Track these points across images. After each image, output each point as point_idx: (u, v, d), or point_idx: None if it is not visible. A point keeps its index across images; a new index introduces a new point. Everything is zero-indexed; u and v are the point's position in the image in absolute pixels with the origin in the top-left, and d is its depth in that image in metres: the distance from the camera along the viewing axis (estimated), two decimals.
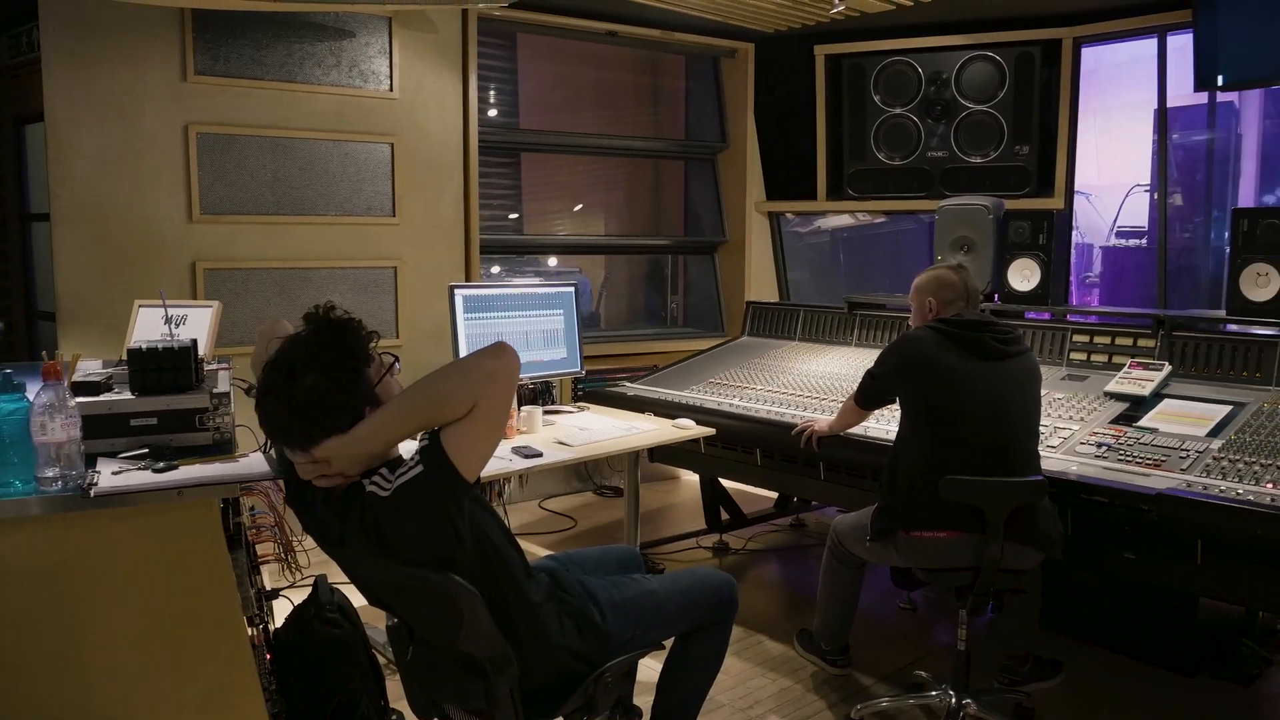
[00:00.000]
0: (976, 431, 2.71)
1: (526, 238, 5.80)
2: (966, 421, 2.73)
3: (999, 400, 2.74)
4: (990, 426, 2.71)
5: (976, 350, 2.79)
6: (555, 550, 4.40)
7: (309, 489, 1.85)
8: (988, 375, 2.77)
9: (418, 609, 1.92)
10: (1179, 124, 7.11)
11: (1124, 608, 3.32)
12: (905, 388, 2.86)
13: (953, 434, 2.73)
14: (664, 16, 5.11)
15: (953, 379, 2.76)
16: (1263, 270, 3.39)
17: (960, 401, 2.74)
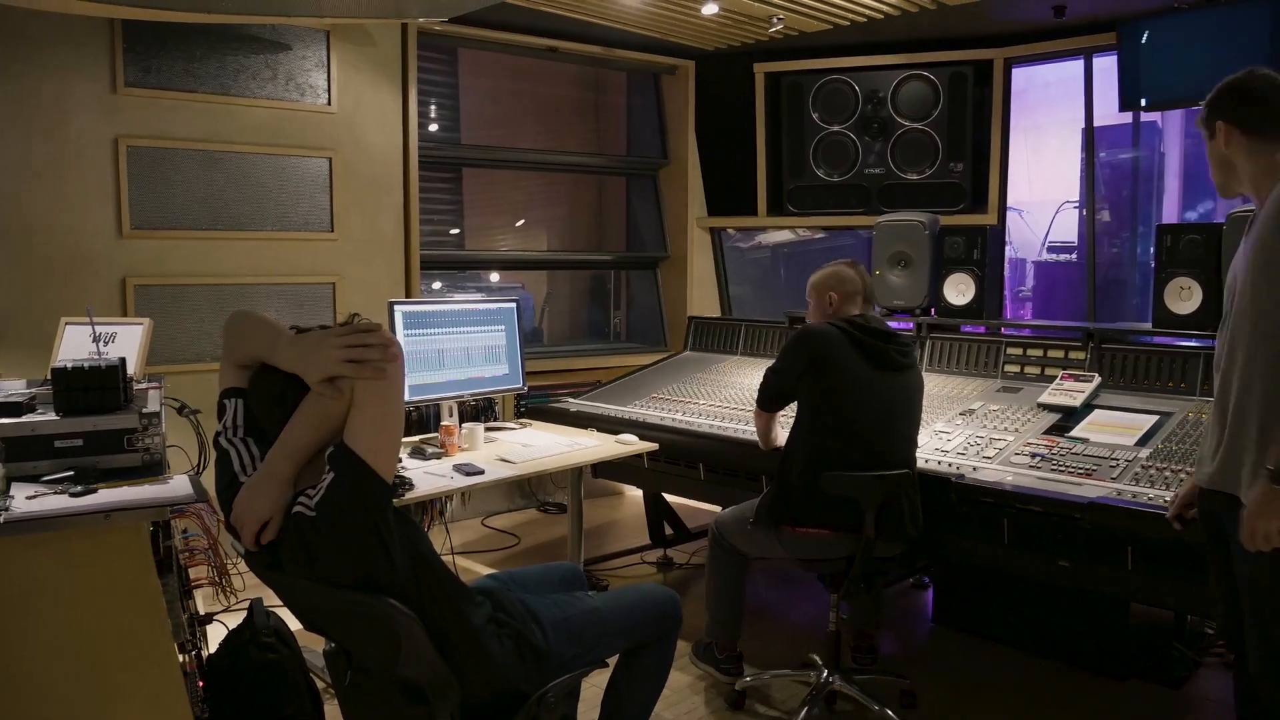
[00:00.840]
0: (863, 436, 2.87)
1: (468, 253, 5.76)
2: (858, 426, 2.88)
3: (888, 410, 2.92)
4: (877, 434, 2.89)
5: (878, 360, 2.92)
6: (498, 568, 4.37)
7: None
8: (883, 385, 2.92)
9: (354, 634, 1.88)
10: (1105, 143, 7.34)
11: (1058, 614, 3.39)
12: (809, 384, 2.94)
13: (842, 436, 2.87)
14: (605, 33, 5.13)
15: (854, 383, 2.90)
16: (1185, 284, 3.50)
17: (856, 408, 2.89)
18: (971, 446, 3.24)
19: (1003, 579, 3.47)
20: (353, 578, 1.71)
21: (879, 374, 2.91)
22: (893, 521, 2.86)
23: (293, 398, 1.73)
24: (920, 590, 4.14)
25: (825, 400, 2.89)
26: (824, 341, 2.92)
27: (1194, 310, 3.48)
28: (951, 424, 3.47)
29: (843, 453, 2.84)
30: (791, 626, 3.81)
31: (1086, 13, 4.61)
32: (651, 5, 4.60)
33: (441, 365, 3.65)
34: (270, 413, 1.77)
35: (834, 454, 2.84)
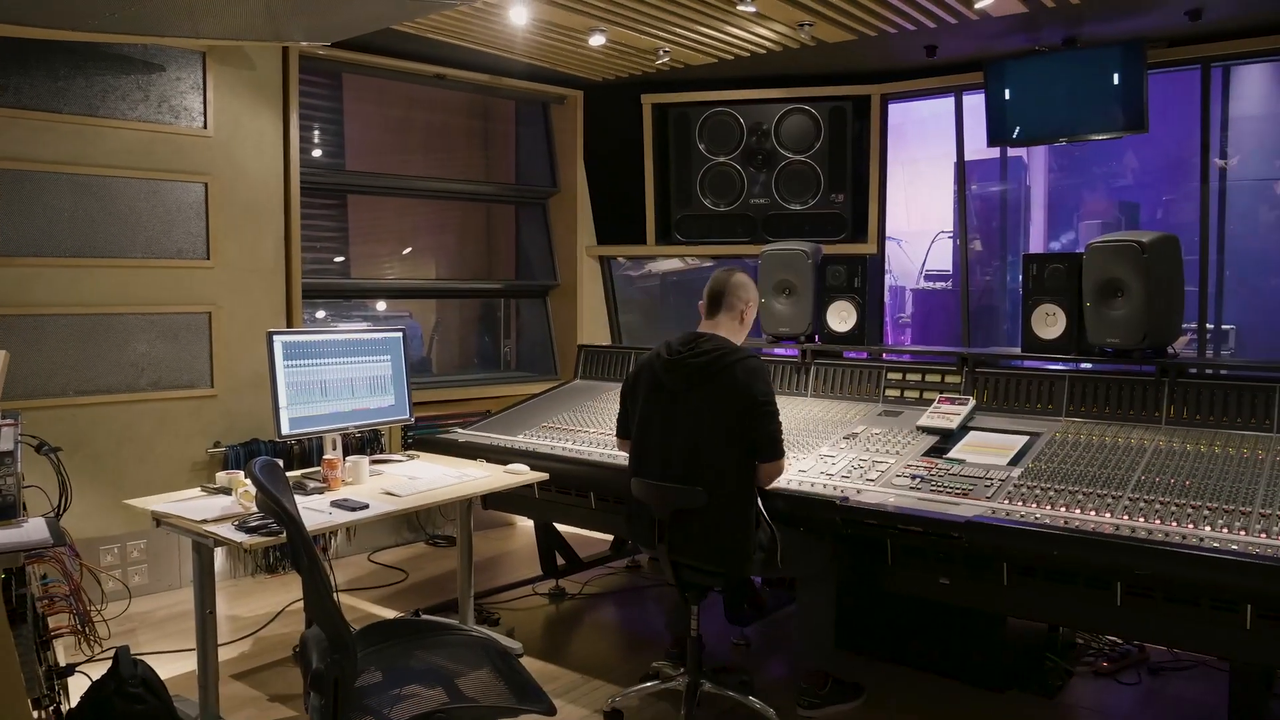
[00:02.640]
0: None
1: (353, 281, 5.64)
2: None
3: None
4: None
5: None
6: (386, 605, 4.26)
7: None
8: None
9: None
10: (976, 176, 7.69)
11: (940, 630, 3.49)
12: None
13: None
14: (493, 62, 5.12)
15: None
16: (1050, 310, 3.67)
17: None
18: (855, 469, 3.32)
19: (889, 598, 3.55)
20: None
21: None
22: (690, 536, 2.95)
23: None
24: None
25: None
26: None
27: (1059, 335, 3.65)
28: (836, 448, 3.55)
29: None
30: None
31: (956, 53, 4.83)
32: (539, 35, 4.61)
33: (324, 396, 3.55)
34: None
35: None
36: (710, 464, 2.92)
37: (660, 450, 3.02)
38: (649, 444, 3.07)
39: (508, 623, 4.02)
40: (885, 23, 4.36)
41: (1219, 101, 4.71)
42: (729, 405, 2.92)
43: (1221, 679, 3.24)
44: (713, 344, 3.01)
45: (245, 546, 2.70)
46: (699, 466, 2.93)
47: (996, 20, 4.29)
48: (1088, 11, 4.17)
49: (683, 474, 2.94)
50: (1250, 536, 2.55)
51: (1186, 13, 4.14)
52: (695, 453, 2.94)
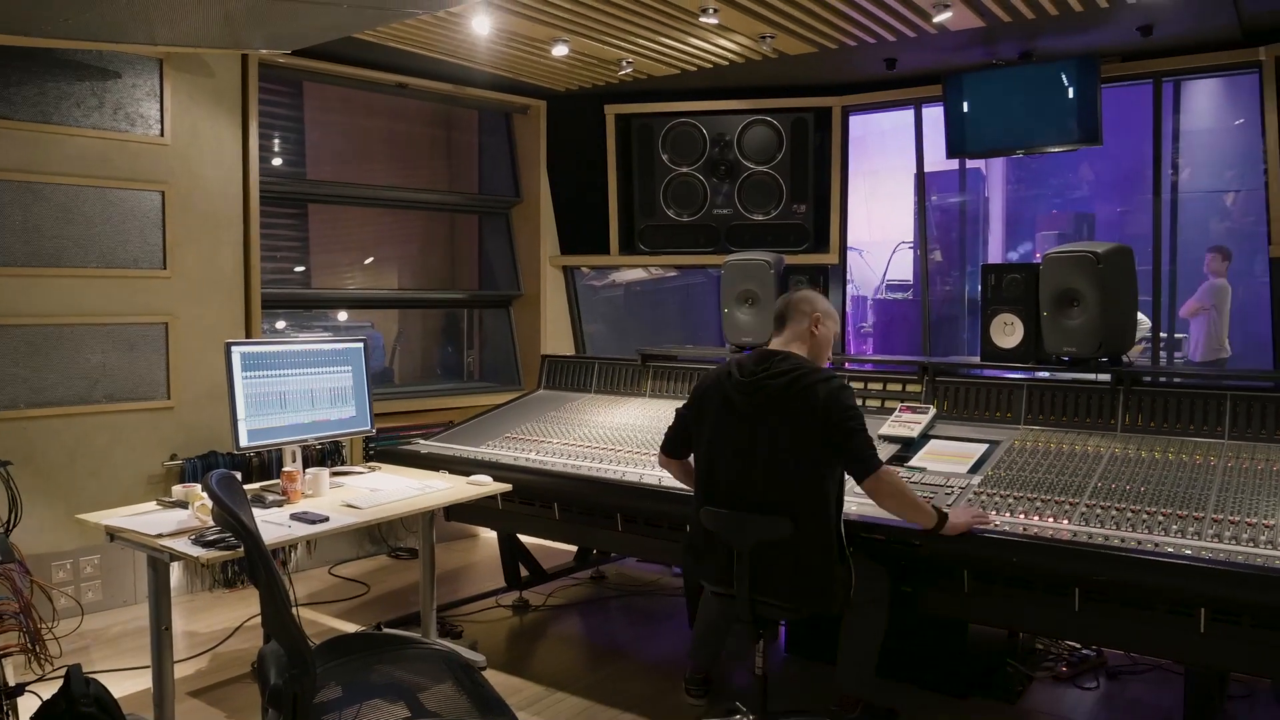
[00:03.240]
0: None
1: (314, 292, 5.58)
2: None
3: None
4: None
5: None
6: (347, 619, 4.21)
7: None
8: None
9: None
10: (936, 187, 7.82)
11: (902, 637, 3.50)
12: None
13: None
14: (456, 71, 5.11)
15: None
16: (1009, 320, 3.72)
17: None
18: None
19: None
20: None
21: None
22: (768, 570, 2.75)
23: None
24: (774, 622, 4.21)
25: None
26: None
27: (1017, 344, 3.70)
28: None
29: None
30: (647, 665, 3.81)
31: (915, 66, 4.90)
32: (502, 45, 4.61)
33: (283, 408, 3.51)
34: None
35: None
36: (793, 491, 2.73)
37: (737, 478, 2.81)
38: (722, 471, 2.85)
39: (471, 635, 3.99)
40: (846, 36, 4.40)
41: (1170, 115, 4.82)
42: (811, 427, 2.72)
43: (1177, 682, 3.30)
44: (789, 363, 2.82)
45: (202, 561, 2.65)
46: (781, 494, 2.73)
47: (954, 34, 4.35)
48: (1043, 26, 4.25)
49: (764, 503, 2.73)
50: (1203, 541, 2.60)
51: (1138, 28, 4.23)
52: (775, 479, 2.75)
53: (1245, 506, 2.74)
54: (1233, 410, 3.23)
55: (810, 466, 2.73)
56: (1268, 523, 2.64)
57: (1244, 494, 2.82)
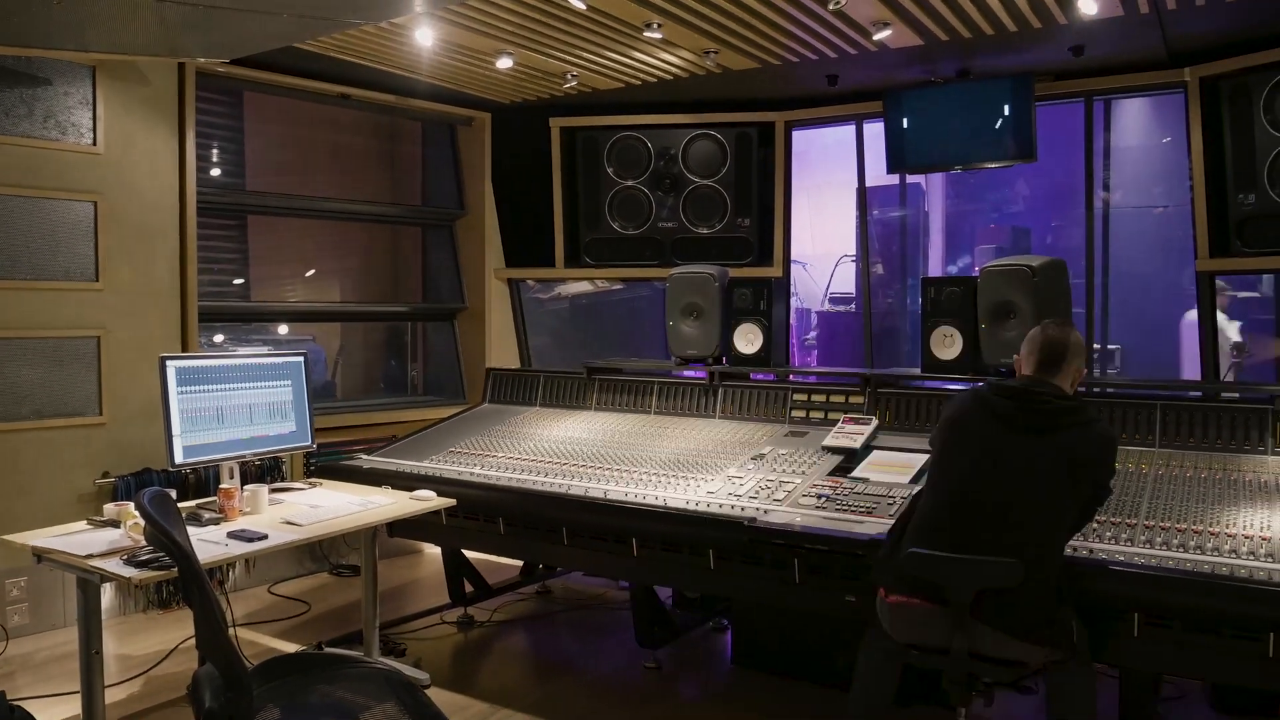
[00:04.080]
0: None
1: (254, 305, 5.48)
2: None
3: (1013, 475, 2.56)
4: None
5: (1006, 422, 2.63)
6: (287, 639, 4.12)
7: None
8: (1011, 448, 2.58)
9: None
10: (877, 202, 7.93)
11: (847, 647, 3.52)
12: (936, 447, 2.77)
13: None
14: (399, 82, 5.06)
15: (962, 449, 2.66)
16: (948, 332, 3.79)
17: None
18: (763, 490, 3.36)
19: (796, 617, 3.59)
20: None
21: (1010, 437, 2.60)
22: (997, 611, 2.46)
23: None
24: (719, 633, 4.22)
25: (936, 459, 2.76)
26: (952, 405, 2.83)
27: (956, 356, 3.77)
28: (744, 469, 3.59)
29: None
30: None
31: (856, 82, 4.98)
32: (446, 57, 4.58)
33: (220, 424, 3.43)
34: None
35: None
36: (1032, 531, 2.48)
37: (963, 514, 2.55)
38: (950, 506, 2.59)
39: (414, 653, 3.94)
40: (788, 52, 4.46)
41: (1101, 132, 4.95)
42: (1079, 475, 2.52)
43: (1112, 685, 3.36)
44: (1053, 391, 2.63)
45: (134, 582, 2.58)
46: (1013, 533, 2.48)
47: (894, 52, 4.43)
48: (979, 45, 4.34)
49: (992, 544, 2.47)
50: (1136, 547, 2.66)
51: (1070, 49, 4.35)
52: (1008, 515, 2.50)
53: (1175, 513, 2.82)
54: (1163, 419, 3.32)
55: (1061, 506, 2.52)
56: (1196, 528, 2.71)
57: (1174, 501, 2.90)
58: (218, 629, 1.94)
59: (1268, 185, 4.19)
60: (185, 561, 1.97)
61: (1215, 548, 2.61)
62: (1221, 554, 2.57)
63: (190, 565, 1.96)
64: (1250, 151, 4.24)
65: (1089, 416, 2.60)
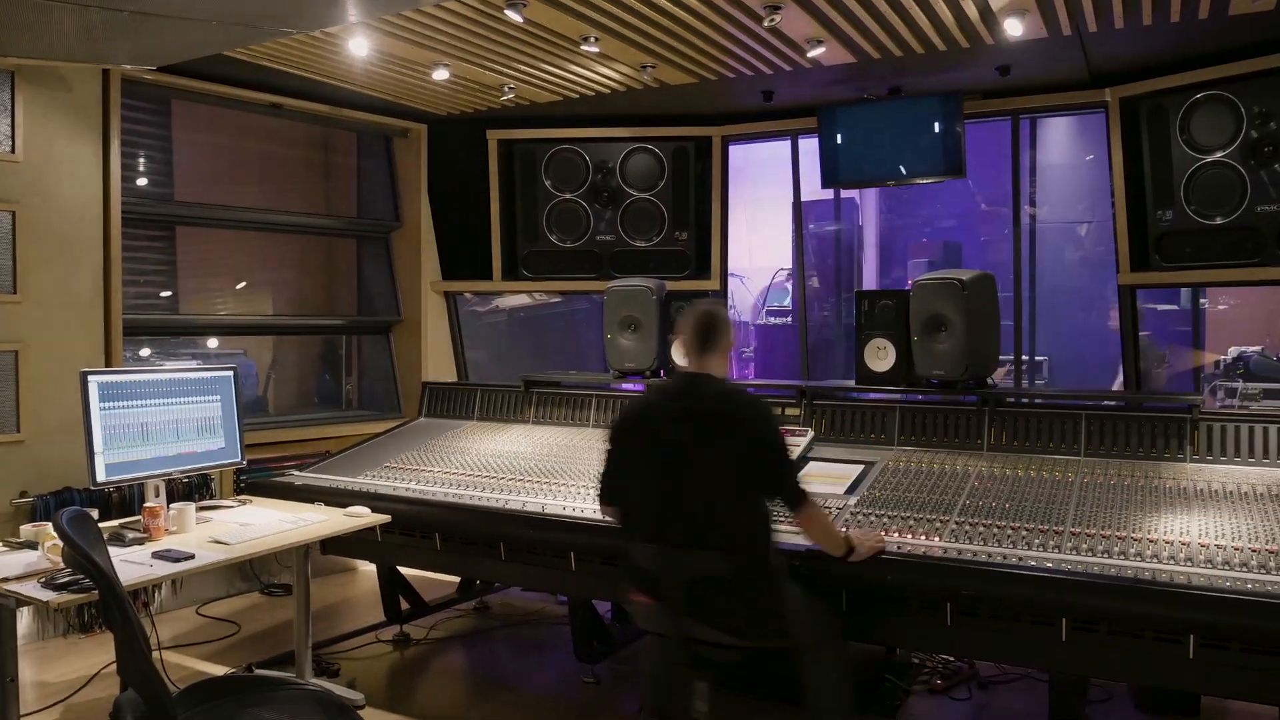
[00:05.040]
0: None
1: (182, 317, 5.35)
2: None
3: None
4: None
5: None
6: (215, 661, 4.01)
7: None
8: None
9: None
10: (813, 216, 8.05)
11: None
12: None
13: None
14: (333, 93, 5.00)
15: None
16: (882, 344, 3.85)
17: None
18: None
19: None
20: None
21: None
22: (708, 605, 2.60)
23: None
24: None
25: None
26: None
27: (890, 368, 3.83)
28: None
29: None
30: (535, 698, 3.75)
31: (791, 98, 5.05)
32: (381, 67, 4.54)
33: (145, 440, 3.33)
34: None
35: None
36: (727, 523, 2.62)
37: (666, 511, 2.66)
38: (650, 504, 2.70)
39: (348, 673, 3.86)
40: (724, 68, 4.51)
41: (1027, 150, 5.09)
42: (745, 454, 2.63)
43: (1042, 689, 3.43)
44: (715, 386, 2.75)
45: (52, 605, 2.49)
46: (714, 527, 2.61)
47: (828, 69, 4.51)
48: (910, 64, 4.44)
49: (697, 537, 2.59)
50: (1063, 554, 2.72)
51: (997, 68, 4.47)
52: (710, 512, 2.62)
53: (1100, 519, 2.90)
54: (1088, 429, 3.42)
55: (744, 494, 2.65)
56: (1120, 534, 2.79)
57: (1099, 508, 2.98)
58: (140, 653, 1.88)
59: (1184, 202, 4.35)
60: (105, 583, 1.90)
61: (1138, 553, 2.68)
62: (1144, 559, 2.65)
63: (111, 587, 1.89)
64: (1168, 170, 4.40)
65: (749, 395, 2.83)
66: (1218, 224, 4.28)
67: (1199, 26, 3.85)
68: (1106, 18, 3.79)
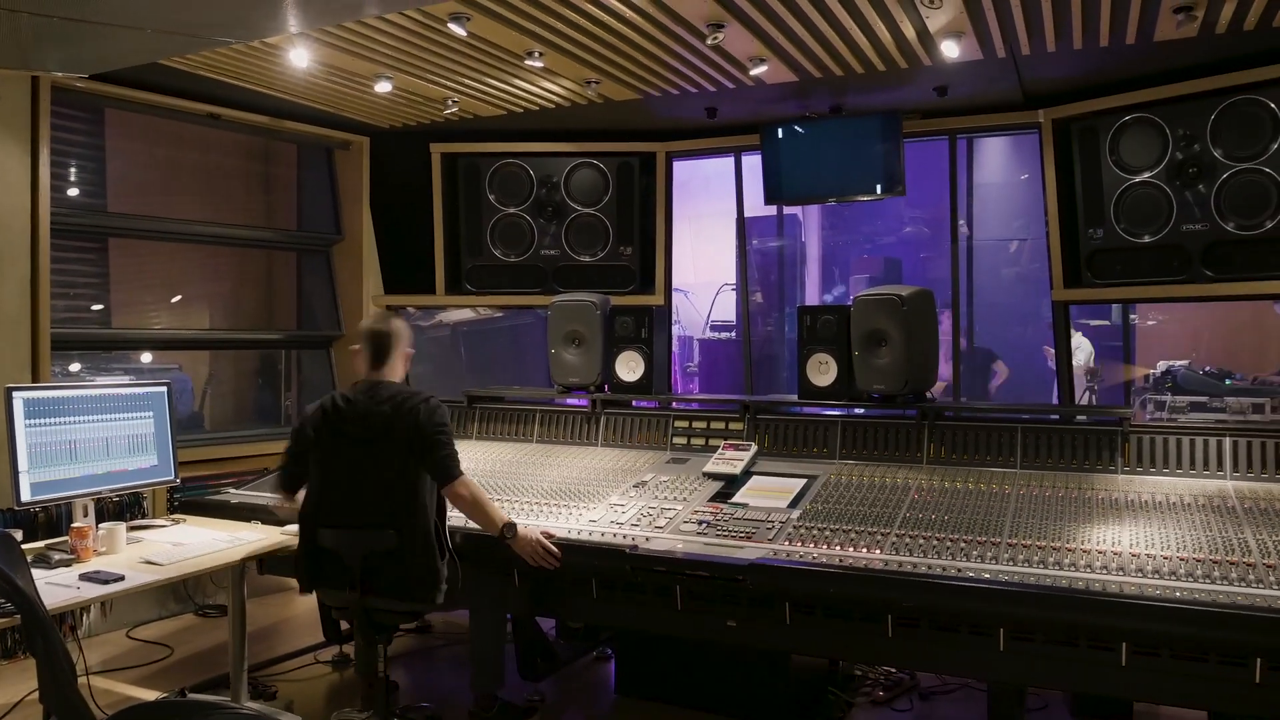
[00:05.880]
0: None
1: (114, 332, 5.21)
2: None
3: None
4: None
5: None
6: (148, 686, 3.89)
7: None
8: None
9: None
10: (756, 232, 8.13)
11: (729, 671, 3.56)
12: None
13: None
14: (273, 104, 4.92)
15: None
16: (823, 359, 3.89)
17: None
18: (644, 517, 3.36)
19: (680, 644, 3.60)
20: None
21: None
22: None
23: None
24: (603, 662, 4.20)
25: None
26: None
27: (832, 382, 3.87)
28: (626, 496, 3.59)
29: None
30: None
31: (735, 115, 5.09)
32: (323, 79, 4.48)
33: (74, 459, 3.24)
34: None
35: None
36: (400, 505, 3.04)
37: (348, 498, 3.08)
38: (333, 494, 3.10)
39: (286, 695, 3.77)
40: (668, 84, 4.54)
41: (964, 169, 5.20)
42: (413, 444, 3.06)
43: (981, 698, 3.49)
44: (392, 389, 3.17)
45: None
46: (389, 509, 3.04)
47: (770, 87, 4.56)
48: (851, 83, 4.51)
49: (374, 518, 3.03)
50: (1000, 565, 2.77)
51: (935, 89, 4.56)
52: (386, 496, 3.05)
53: (1036, 531, 2.95)
54: (1024, 442, 3.49)
55: (413, 478, 3.07)
56: (1055, 545, 2.85)
57: (1035, 519, 3.04)
58: (64, 679, 1.82)
59: (1114, 221, 4.47)
60: (27, 607, 1.84)
61: (1072, 563, 2.74)
62: (1078, 569, 2.70)
63: (33, 611, 1.83)
64: (1099, 189, 4.52)
65: (421, 397, 3.14)
66: (1146, 242, 4.41)
67: (1127, 51, 3.97)
68: (1039, 41, 3.89)
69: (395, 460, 3.07)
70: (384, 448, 3.07)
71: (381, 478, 3.07)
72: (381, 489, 3.06)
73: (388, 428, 3.07)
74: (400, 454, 3.06)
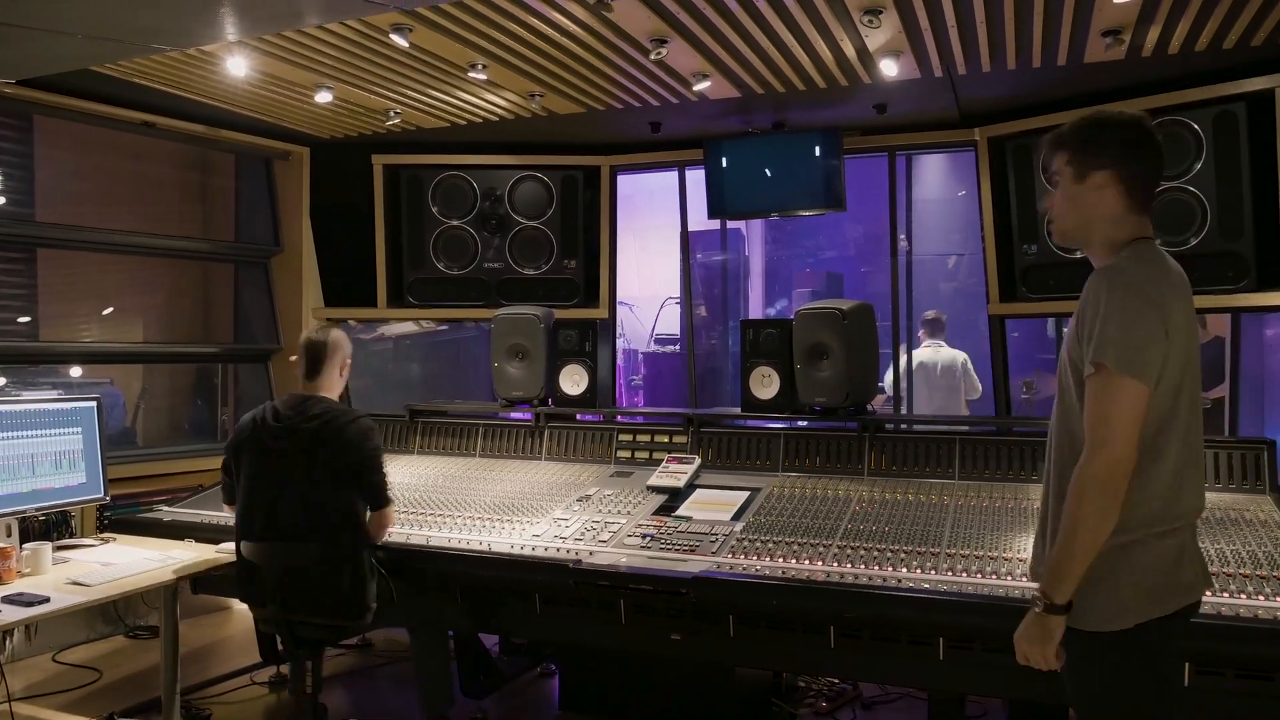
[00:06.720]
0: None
1: (42, 345, 5.05)
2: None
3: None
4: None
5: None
6: (74, 712, 3.76)
7: None
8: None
9: None
10: (700, 246, 8.17)
11: (673, 685, 3.55)
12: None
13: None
14: (210, 112, 4.83)
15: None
16: (766, 372, 3.92)
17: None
18: (589, 531, 3.35)
19: (624, 659, 3.59)
20: None
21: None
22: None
23: None
24: (547, 678, 4.17)
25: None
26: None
27: (774, 395, 3.91)
28: (570, 510, 3.57)
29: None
30: None
31: (679, 130, 5.12)
32: (261, 88, 4.41)
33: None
34: None
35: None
36: (323, 520, 3.06)
37: (270, 511, 3.09)
38: (258, 507, 3.11)
39: (220, 718, 3.68)
40: (612, 98, 4.55)
41: (904, 185, 5.29)
42: (342, 463, 3.09)
43: (922, 707, 3.52)
44: (322, 406, 3.17)
45: None
46: (311, 524, 3.05)
47: (714, 102, 4.60)
48: (792, 100, 4.57)
49: (295, 532, 3.04)
50: (939, 575, 2.81)
51: (874, 106, 4.63)
52: (308, 511, 3.06)
53: (974, 541, 3.00)
54: (961, 454, 3.55)
55: (340, 496, 3.10)
56: (992, 555, 2.90)
57: (972, 529, 3.09)
58: None
59: (1047, 237, 4.58)
60: None
61: (1009, 572, 2.79)
62: (1015, 578, 2.75)
63: None
64: (1032, 206, 4.63)
65: (350, 416, 3.18)
66: (1078, 257, 4.52)
67: (1059, 72, 4.08)
68: (975, 61, 3.98)
69: (322, 477, 3.07)
70: (308, 463, 3.07)
71: (304, 493, 3.06)
72: (304, 504, 3.06)
73: (314, 444, 3.08)
74: (328, 471, 3.07)
